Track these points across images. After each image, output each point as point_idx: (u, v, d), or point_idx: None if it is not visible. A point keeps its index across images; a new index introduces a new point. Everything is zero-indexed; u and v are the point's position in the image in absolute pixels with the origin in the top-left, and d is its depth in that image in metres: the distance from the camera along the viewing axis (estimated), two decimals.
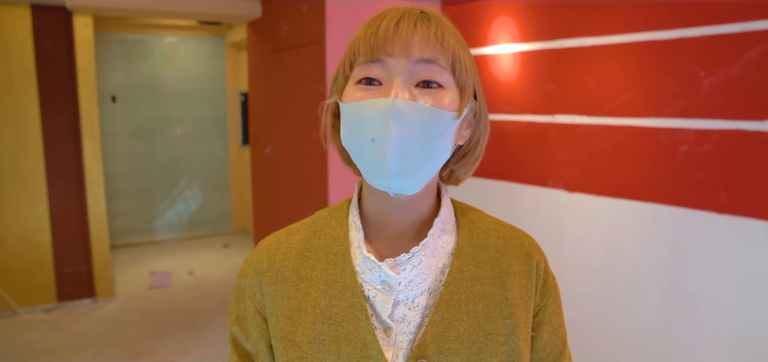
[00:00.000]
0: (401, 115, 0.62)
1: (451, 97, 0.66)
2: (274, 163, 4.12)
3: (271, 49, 4.03)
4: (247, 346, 0.75)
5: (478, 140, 0.75)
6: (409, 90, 0.64)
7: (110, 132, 5.74)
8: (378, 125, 0.63)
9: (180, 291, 4.64)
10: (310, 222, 0.78)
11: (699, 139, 2.17)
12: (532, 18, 2.81)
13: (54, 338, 3.73)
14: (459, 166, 0.77)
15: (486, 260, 0.73)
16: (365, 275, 0.70)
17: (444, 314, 0.68)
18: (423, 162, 0.65)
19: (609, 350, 2.55)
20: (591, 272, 2.61)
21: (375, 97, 0.64)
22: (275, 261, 0.74)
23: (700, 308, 2.22)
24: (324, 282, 0.71)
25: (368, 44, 0.65)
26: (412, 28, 0.65)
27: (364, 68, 0.66)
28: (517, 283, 0.73)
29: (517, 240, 0.76)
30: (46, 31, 4.03)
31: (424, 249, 0.70)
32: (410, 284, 0.69)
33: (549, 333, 0.76)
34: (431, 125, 0.64)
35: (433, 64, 0.65)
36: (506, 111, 2.96)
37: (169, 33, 5.95)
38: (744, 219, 2.06)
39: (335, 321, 0.69)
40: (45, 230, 4.17)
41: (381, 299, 0.69)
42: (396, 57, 0.64)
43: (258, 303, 0.74)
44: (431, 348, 0.67)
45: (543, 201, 2.81)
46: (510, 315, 0.70)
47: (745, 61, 2.01)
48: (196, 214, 6.40)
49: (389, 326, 0.68)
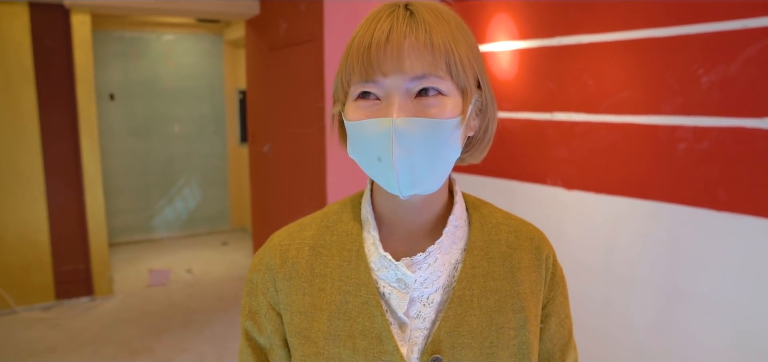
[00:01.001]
0: (403, 135, 0.63)
1: (453, 103, 0.65)
2: (272, 161, 4.11)
3: (269, 47, 4.03)
4: (261, 340, 0.76)
5: (486, 128, 0.75)
6: (409, 104, 0.64)
7: (108, 130, 5.73)
8: (382, 145, 0.64)
9: (178, 289, 4.64)
10: (322, 217, 0.78)
11: (698, 137, 2.17)
12: (531, 15, 2.80)
13: (52, 336, 3.72)
14: (469, 153, 0.77)
15: (497, 255, 0.74)
16: (380, 272, 0.71)
17: (457, 310, 0.70)
18: (432, 171, 0.66)
19: (606, 347, 2.56)
20: (589, 269, 2.61)
21: (376, 116, 0.64)
22: (288, 257, 0.74)
23: (698, 305, 2.22)
24: (338, 279, 0.72)
25: (362, 64, 0.64)
26: (402, 39, 0.63)
27: (361, 86, 0.65)
28: (528, 277, 0.74)
29: (528, 234, 0.78)
30: (44, 29, 4.02)
31: (439, 247, 0.71)
32: (425, 281, 0.70)
33: (556, 324, 0.79)
34: (435, 136, 0.64)
35: (429, 76, 0.63)
36: (505, 108, 2.96)
37: (167, 31, 5.94)
38: (742, 216, 2.06)
39: (351, 317, 0.69)
40: (43, 228, 4.16)
41: (397, 296, 0.70)
42: (390, 76, 0.63)
43: (271, 298, 0.74)
44: (445, 344, 0.68)
45: (541, 199, 2.81)
46: (521, 309, 0.72)
47: (744, 58, 2.01)
48: (194, 212, 6.39)
49: (404, 322, 0.69)
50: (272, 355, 0.76)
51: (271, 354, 0.76)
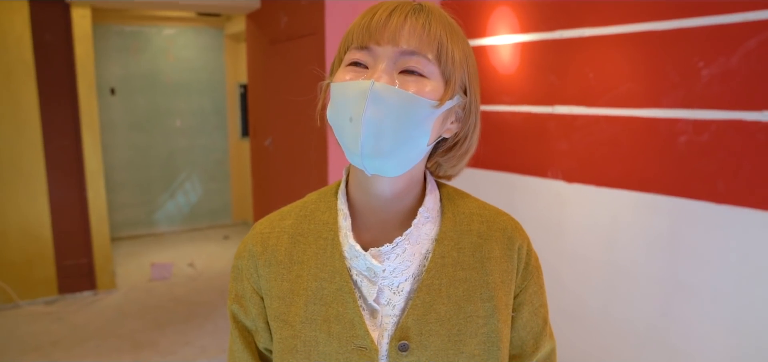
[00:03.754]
0: (378, 98, 0.65)
1: (434, 87, 0.68)
2: (274, 155, 4.12)
3: (270, 41, 4.02)
4: (247, 323, 0.80)
5: (466, 136, 0.77)
6: (392, 76, 0.67)
7: (109, 124, 5.74)
8: (356, 105, 0.66)
9: (181, 283, 4.66)
10: (300, 206, 0.81)
11: (698, 129, 2.18)
12: (532, 8, 2.80)
13: (56, 330, 3.74)
14: (445, 159, 0.79)
15: (468, 245, 0.76)
16: (353, 261, 0.73)
17: (425, 298, 0.72)
18: (397, 145, 0.67)
19: (607, 339, 2.57)
20: (590, 262, 2.62)
21: (359, 80, 0.68)
22: (269, 244, 0.78)
23: (698, 297, 2.23)
24: (315, 266, 0.75)
25: (360, 32, 0.69)
26: (402, 20, 0.68)
27: (355, 53, 0.70)
28: (498, 267, 0.76)
29: (501, 224, 0.79)
30: (45, 24, 4.01)
31: (407, 238, 0.73)
32: (394, 271, 0.73)
33: (529, 313, 0.80)
34: (408, 110, 0.66)
35: (418, 55, 0.68)
36: (505, 102, 2.96)
37: (168, 25, 5.93)
38: (742, 209, 2.07)
39: (326, 303, 0.73)
40: (45, 223, 4.18)
41: (367, 285, 0.72)
42: (384, 45, 0.68)
43: (254, 283, 0.78)
44: (413, 330, 0.71)
45: (542, 192, 2.82)
46: (490, 298, 0.74)
47: (744, 51, 2.01)
48: (196, 206, 6.41)
49: (375, 309, 0.72)
50: (258, 336, 0.80)
51: (257, 336, 0.80)
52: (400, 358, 0.70)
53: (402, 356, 0.70)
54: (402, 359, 0.70)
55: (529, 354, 0.80)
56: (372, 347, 0.70)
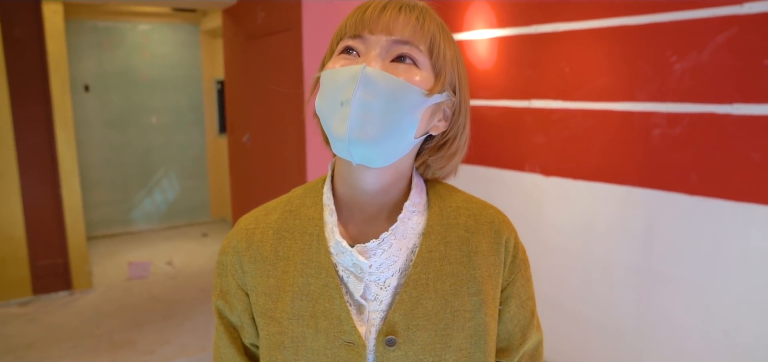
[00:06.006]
0: (369, 81, 0.66)
1: (424, 77, 0.69)
2: (252, 151, 4.09)
3: (246, 36, 3.99)
4: (232, 318, 0.79)
5: (454, 136, 0.77)
6: (383, 62, 0.68)
7: (84, 121, 5.63)
8: (346, 88, 0.66)
9: (159, 282, 4.60)
10: (286, 201, 0.81)
11: (671, 122, 2.22)
12: (508, 3, 2.82)
13: (30, 331, 3.67)
14: (433, 159, 0.79)
15: (455, 239, 0.76)
16: (339, 257, 0.73)
17: (412, 293, 0.72)
18: (385, 130, 0.67)
19: (585, 329, 2.61)
20: (567, 254, 2.65)
21: (351, 65, 0.68)
22: (254, 240, 0.77)
23: (672, 286, 2.28)
24: (301, 262, 0.74)
25: (354, 22, 0.70)
26: (396, 13, 0.70)
27: (347, 41, 0.71)
28: (485, 261, 0.76)
29: (488, 218, 0.79)
30: (14, 19, 3.92)
31: (393, 234, 0.73)
32: (381, 267, 0.72)
33: (517, 306, 0.80)
34: (397, 96, 0.67)
35: (410, 45, 0.69)
36: (482, 96, 2.99)
37: (143, 20, 5.84)
38: (713, 200, 2.12)
39: (312, 299, 0.72)
40: (18, 222, 4.09)
41: (353, 280, 0.72)
42: (377, 34, 0.69)
43: (239, 279, 0.77)
44: (400, 325, 0.71)
45: (520, 186, 2.85)
46: (477, 292, 0.74)
47: (714, 45, 2.06)
48: (173, 204, 6.33)
49: (362, 305, 0.72)
50: (243, 333, 0.79)
51: (242, 331, 0.79)
52: (388, 353, 0.70)
53: (389, 351, 0.70)
54: (389, 354, 0.70)
55: (517, 346, 0.80)
56: (360, 342, 0.70)
